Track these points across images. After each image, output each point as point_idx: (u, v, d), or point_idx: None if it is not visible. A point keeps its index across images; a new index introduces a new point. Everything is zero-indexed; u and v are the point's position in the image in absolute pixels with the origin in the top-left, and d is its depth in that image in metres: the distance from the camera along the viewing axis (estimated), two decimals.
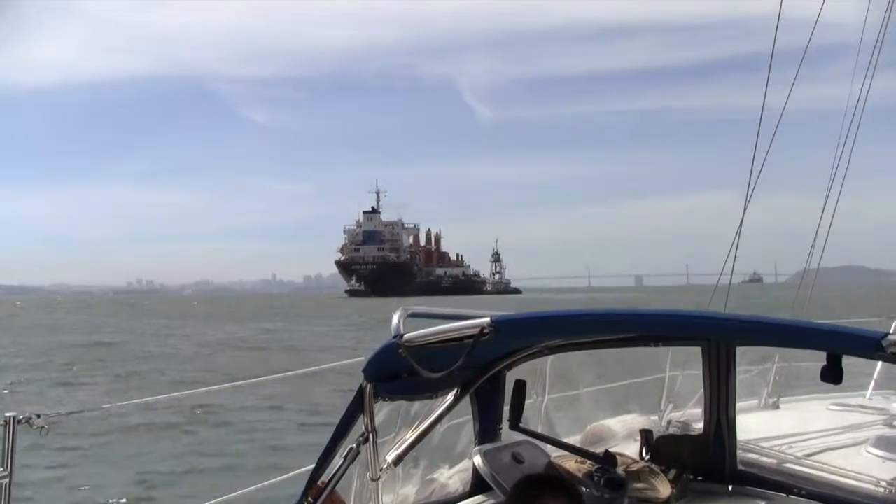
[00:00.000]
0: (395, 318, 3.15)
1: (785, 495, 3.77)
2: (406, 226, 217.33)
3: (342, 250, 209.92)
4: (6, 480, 2.86)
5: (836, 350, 2.79)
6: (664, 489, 3.73)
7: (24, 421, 2.97)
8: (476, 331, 2.93)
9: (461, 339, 2.98)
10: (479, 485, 3.81)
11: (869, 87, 7.62)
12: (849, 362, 2.98)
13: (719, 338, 3.69)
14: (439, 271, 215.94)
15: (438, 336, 3.04)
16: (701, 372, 4.25)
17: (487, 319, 2.95)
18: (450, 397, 3.66)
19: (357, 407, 3.16)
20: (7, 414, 2.94)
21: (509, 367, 3.88)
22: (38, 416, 3.02)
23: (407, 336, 3.05)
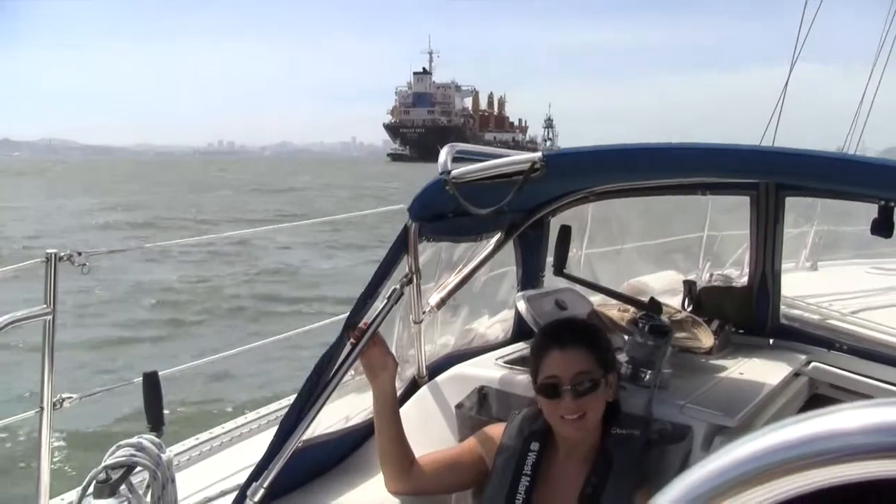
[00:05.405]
0: (443, 155, 2.78)
1: (826, 350, 3.49)
2: (463, 88, 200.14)
3: (392, 112, 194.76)
4: (49, 317, 2.69)
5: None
6: (707, 340, 3.44)
7: (65, 258, 2.77)
8: (527, 166, 2.56)
9: (511, 174, 2.62)
10: (520, 331, 3.58)
11: None
12: None
13: (770, 173, 3.22)
14: (489, 136, 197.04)
15: (487, 172, 2.67)
16: (740, 232, 3.98)
17: (539, 154, 2.59)
18: (493, 241, 3.37)
19: (401, 247, 2.83)
20: (48, 250, 2.73)
21: (554, 213, 3.58)
22: (80, 254, 2.80)
23: (454, 172, 2.69)
